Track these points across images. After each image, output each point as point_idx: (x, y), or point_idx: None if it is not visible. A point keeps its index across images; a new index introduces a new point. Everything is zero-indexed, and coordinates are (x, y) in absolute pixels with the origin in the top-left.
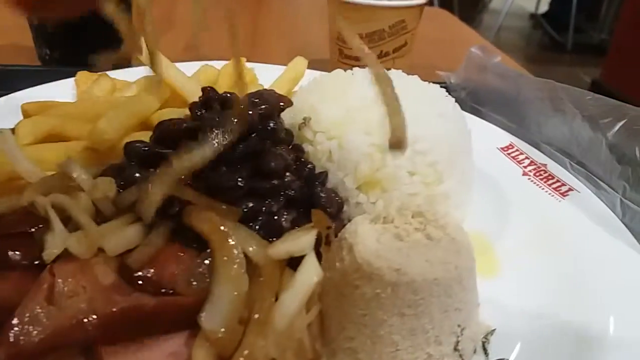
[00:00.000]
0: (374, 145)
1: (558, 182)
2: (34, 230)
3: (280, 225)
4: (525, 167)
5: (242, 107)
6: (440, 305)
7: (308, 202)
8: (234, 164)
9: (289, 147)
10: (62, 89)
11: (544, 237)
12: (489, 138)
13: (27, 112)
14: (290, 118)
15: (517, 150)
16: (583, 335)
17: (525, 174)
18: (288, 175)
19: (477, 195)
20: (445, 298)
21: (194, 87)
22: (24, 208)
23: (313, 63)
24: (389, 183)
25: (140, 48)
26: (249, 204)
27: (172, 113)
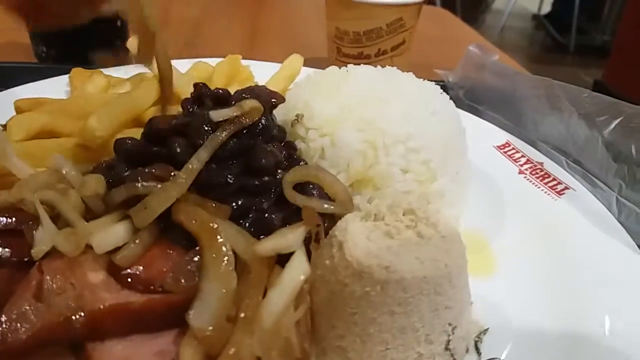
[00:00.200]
0: (367, 143)
1: (554, 180)
2: (23, 227)
3: (271, 223)
4: (522, 165)
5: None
6: (430, 304)
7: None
8: (225, 161)
9: (281, 144)
10: (57, 86)
11: (540, 235)
12: (485, 136)
13: (20, 108)
14: (284, 115)
15: (513, 149)
16: (578, 334)
17: (522, 172)
18: (279, 172)
19: (473, 194)
20: (435, 296)
21: (187, 83)
22: (13, 205)
23: (311, 61)
24: (382, 180)
25: (151, 58)
26: (239, 201)
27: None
